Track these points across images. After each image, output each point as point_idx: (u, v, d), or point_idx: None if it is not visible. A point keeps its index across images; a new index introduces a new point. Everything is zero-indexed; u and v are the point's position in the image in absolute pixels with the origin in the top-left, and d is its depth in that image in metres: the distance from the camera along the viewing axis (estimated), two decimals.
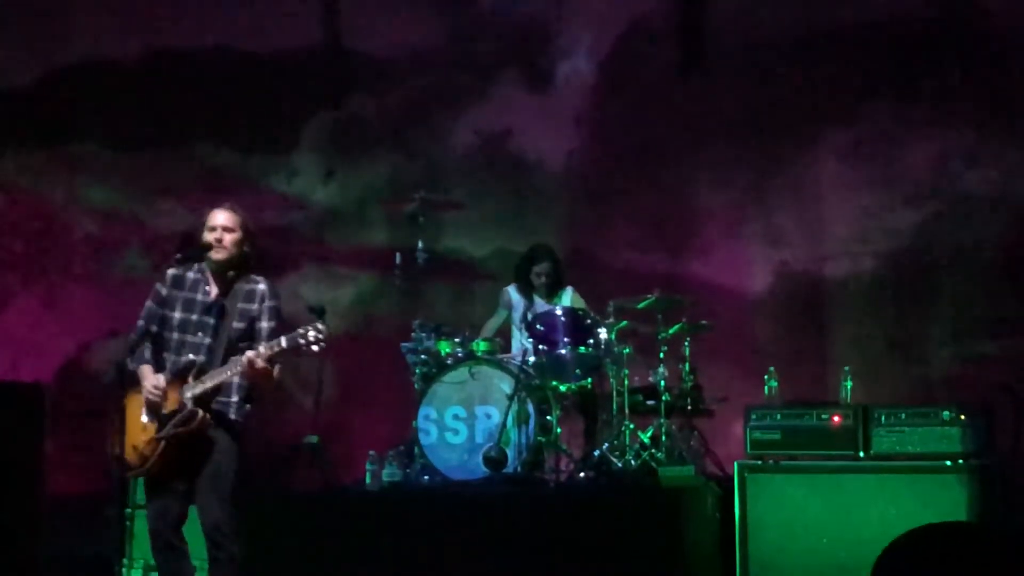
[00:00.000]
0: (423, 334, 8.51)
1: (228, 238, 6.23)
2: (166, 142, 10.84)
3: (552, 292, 8.95)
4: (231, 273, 6.27)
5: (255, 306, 6.21)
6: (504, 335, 9.05)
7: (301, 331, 5.88)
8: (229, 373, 6.02)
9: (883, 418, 7.42)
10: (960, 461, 7.20)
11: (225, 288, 6.26)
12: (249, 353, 5.93)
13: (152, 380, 6.14)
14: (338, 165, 10.86)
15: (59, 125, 10.96)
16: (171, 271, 6.33)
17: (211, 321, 6.21)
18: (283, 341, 5.90)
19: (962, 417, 7.30)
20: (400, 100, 10.76)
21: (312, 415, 9.08)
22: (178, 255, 6.43)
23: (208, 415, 6.06)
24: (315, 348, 5.87)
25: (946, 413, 7.33)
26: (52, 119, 10.96)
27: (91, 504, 8.44)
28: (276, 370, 6.10)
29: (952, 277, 9.45)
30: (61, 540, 8.56)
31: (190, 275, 6.32)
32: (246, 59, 10.82)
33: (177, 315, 6.24)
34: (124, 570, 7.92)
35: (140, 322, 6.31)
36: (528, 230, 9.97)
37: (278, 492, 7.79)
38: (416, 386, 8.45)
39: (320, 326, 5.88)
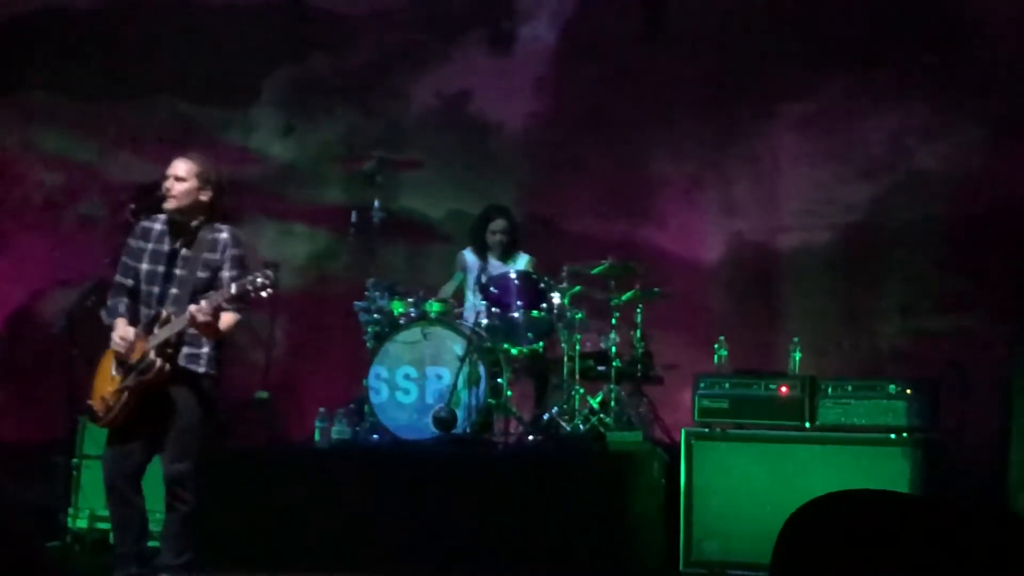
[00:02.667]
0: (376, 293, 8.51)
1: (178, 187, 6.24)
2: (123, 92, 10.74)
3: (507, 253, 8.96)
4: (195, 223, 6.28)
5: (218, 255, 6.23)
6: (457, 297, 9.06)
7: (250, 277, 5.90)
8: (179, 325, 6.03)
9: (830, 390, 7.51)
10: (904, 434, 7.29)
11: (189, 238, 6.26)
12: (191, 307, 5.94)
13: (120, 332, 6.15)
14: (297, 121, 10.80)
15: (14, 73, 10.84)
16: (141, 224, 6.36)
17: (174, 272, 6.22)
18: (232, 288, 5.92)
19: (908, 391, 7.40)
20: (361, 58, 10.70)
21: (263, 371, 9.07)
22: (132, 205, 6.43)
23: (167, 364, 6.07)
24: (264, 294, 5.89)
25: (892, 387, 7.43)
26: (7, 66, 10.84)
27: (39, 453, 8.44)
28: (228, 319, 6.10)
29: (903, 252, 9.51)
30: (7, 488, 8.53)
31: (157, 227, 6.34)
32: (207, 10, 10.73)
33: (144, 267, 6.27)
34: (70, 519, 7.93)
35: (117, 277, 6.33)
36: (485, 192, 9.95)
37: (226, 446, 7.78)
38: (368, 345, 8.45)
39: (268, 272, 5.91)
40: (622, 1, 10.28)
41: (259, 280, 5.88)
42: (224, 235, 6.28)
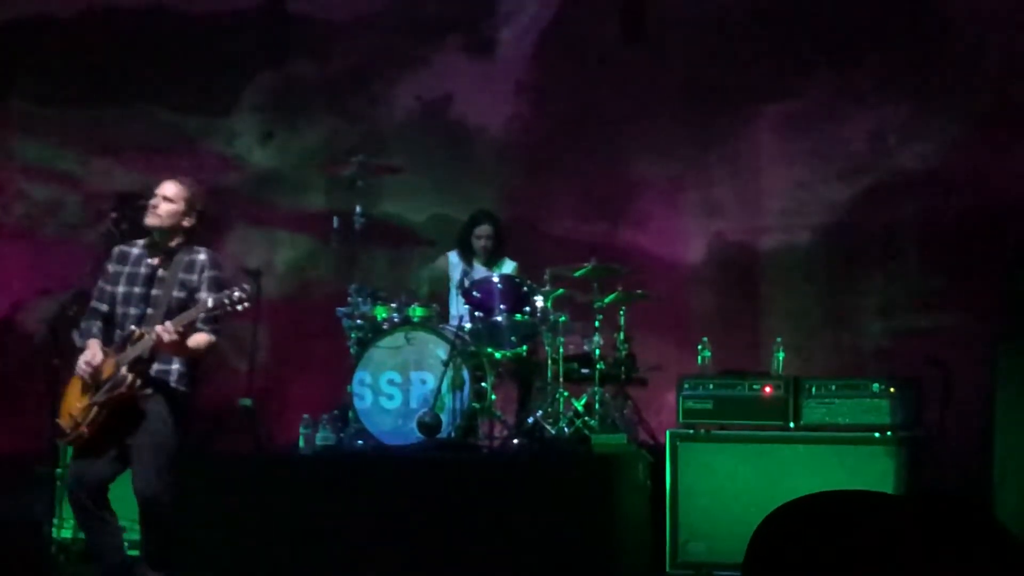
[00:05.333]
0: (359, 299, 8.50)
1: (164, 207, 6.23)
2: (104, 100, 10.71)
3: (492, 258, 8.96)
4: (173, 244, 6.26)
5: (195, 276, 6.21)
6: (442, 301, 9.03)
7: (227, 291, 5.89)
8: (148, 343, 5.99)
9: (813, 389, 7.53)
10: (888, 433, 7.31)
11: (166, 259, 6.24)
12: (158, 327, 5.91)
13: (86, 355, 6.12)
14: (277, 127, 10.78)
15: None
16: (117, 248, 6.34)
17: (150, 292, 6.19)
18: (210, 302, 5.90)
19: (891, 390, 7.42)
20: (341, 63, 10.69)
21: (246, 378, 9.05)
22: (113, 214, 6.41)
23: (138, 379, 6.03)
24: (239, 308, 5.88)
25: (875, 386, 7.46)
26: None
27: (22, 464, 8.40)
28: (199, 340, 6.07)
29: (884, 251, 9.53)
30: None
31: (135, 251, 6.32)
32: (187, 18, 10.70)
33: (121, 289, 6.24)
34: (54, 530, 7.90)
35: (93, 301, 6.30)
36: (467, 196, 9.96)
37: (209, 454, 7.76)
38: (351, 351, 8.44)
39: (245, 286, 5.90)
40: (601, 4, 10.28)
41: (236, 294, 5.86)
42: (202, 256, 6.26)
